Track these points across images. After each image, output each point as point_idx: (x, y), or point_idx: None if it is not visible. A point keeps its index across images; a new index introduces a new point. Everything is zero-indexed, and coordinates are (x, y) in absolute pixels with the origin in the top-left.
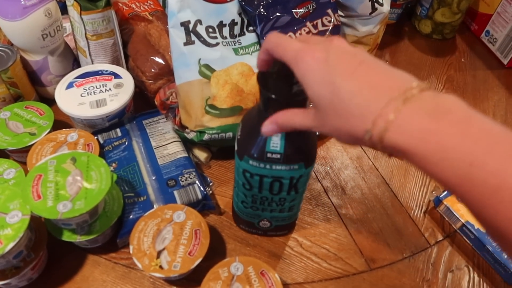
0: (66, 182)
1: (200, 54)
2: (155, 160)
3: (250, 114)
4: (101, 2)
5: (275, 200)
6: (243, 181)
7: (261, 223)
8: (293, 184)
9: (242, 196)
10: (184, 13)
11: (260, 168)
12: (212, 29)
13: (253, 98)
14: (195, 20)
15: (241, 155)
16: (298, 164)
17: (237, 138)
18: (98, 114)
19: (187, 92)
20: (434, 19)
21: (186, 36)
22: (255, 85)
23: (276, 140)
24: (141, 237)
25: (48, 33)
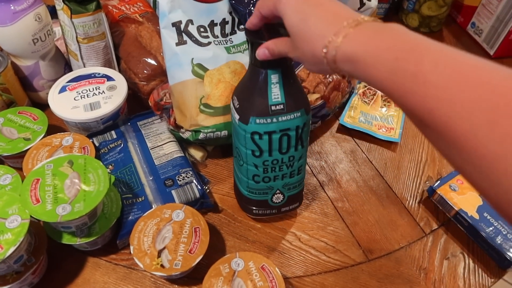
0: (64, 185)
1: (192, 54)
2: (151, 160)
3: (242, 83)
4: (91, 5)
5: (285, 162)
6: (252, 147)
7: (274, 198)
8: (299, 135)
9: (253, 169)
10: (175, 14)
11: (267, 124)
12: (203, 29)
13: None
14: (187, 20)
15: (247, 119)
16: (300, 110)
17: (236, 108)
18: (92, 117)
19: (181, 92)
20: (421, 12)
21: (178, 36)
22: None
23: (276, 91)
24: (141, 237)
25: (39, 37)
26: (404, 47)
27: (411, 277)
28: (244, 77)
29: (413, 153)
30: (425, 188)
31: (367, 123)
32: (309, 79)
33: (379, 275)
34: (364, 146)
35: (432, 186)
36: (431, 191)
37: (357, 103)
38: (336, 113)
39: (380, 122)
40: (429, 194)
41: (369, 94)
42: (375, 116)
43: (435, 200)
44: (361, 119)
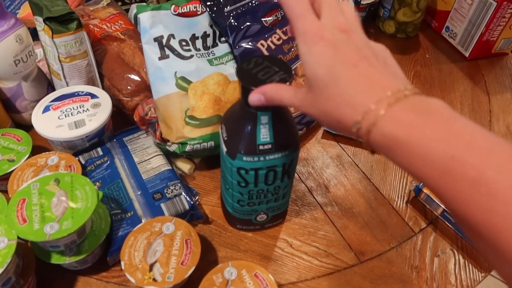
0: (51, 203)
1: (175, 67)
2: (139, 175)
3: (232, 114)
4: (72, 24)
5: (270, 191)
6: (238, 179)
7: (258, 217)
8: (286, 170)
9: (238, 195)
10: (157, 29)
11: (254, 162)
12: (185, 42)
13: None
14: (168, 34)
15: (234, 155)
16: (288, 149)
17: (224, 140)
18: (77, 135)
19: (165, 106)
20: (397, 19)
21: (160, 50)
22: (232, 93)
23: (265, 131)
24: (131, 252)
25: (20, 58)
26: (459, 142)
27: (404, 276)
28: (234, 108)
29: None
30: (412, 188)
31: None
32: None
33: (372, 277)
34: (350, 150)
35: (419, 186)
36: (418, 191)
37: None
38: None
39: None
40: (416, 194)
41: None
42: None
43: (422, 199)
44: None
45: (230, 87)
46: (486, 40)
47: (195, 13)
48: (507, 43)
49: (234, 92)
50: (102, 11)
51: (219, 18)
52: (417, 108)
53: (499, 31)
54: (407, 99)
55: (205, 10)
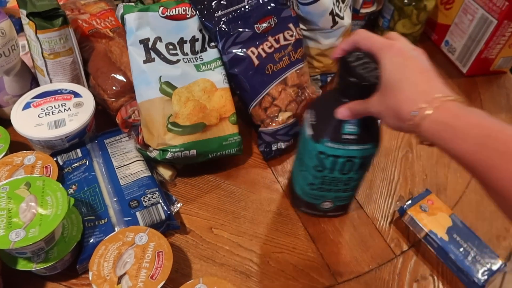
0: (20, 209)
1: (160, 72)
2: (116, 180)
3: (324, 100)
4: (57, 20)
5: (343, 180)
6: (316, 163)
7: (324, 204)
8: (363, 163)
9: (310, 178)
10: (143, 31)
11: (336, 149)
12: (172, 46)
13: (216, 114)
14: (155, 37)
15: (318, 138)
16: (370, 144)
17: (311, 123)
18: (56, 135)
19: (148, 110)
20: (396, 30)
21: (145, 53)
22: (219, 101)
23: (352, 122)
24: (101, 262)
25: (2, 52)
26: (493, 126)
27: None
28: (326, 96)
29: (386, 172)
30: (396, 209)
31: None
32: (280, 97)
33: None
34: None
35: (403, 207)
36: (402, 212)
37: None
38: None
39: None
40: (400, 215)
41: None
42: None
43: (405, 221)
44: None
45: (217, 95)
46: (484, 58)
47: (184, 17)
48: (506, 62)
49: (221, 100)
50: (93, 6)
51: (209, 22)
52: (461, 106)
53: (498, 49)
54: (454, 100)
55: (194, 14)
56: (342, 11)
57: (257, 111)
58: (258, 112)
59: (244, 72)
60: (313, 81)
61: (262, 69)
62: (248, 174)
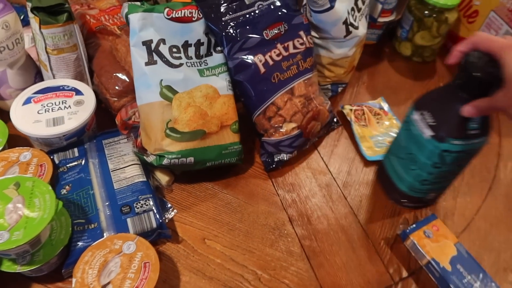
0: (6, 210)
1: (162, 75)
2: (110, 184)
3: (438, 100)
4: (62, 16)
5: (456, 172)
6: (436, 161)
7: (429, 196)
8: (476, 153)
9: (425, 175)
10: (147, 32)
11: (460, 145)
12: (176, 49)
13: (217, 122)
14: (158, 39)
15: (443, 138)
16: (487, 135)
17: (430, 124)
18: (53, 133)
19: (147, 114)
20: (414, 41)
21: (148, 55)
22: (220, 108)
23: (476, 118)
24: (86, 269)
25: (5, 46)
26: None
27: None
28: (439, 96)
29: None
30: (399, 232)
31: (383, 146)
32: (286, 107)
33: None
34: (341, 180)
35: (406, 231)
36: (405, 236)
37: (361, 131)
38: (315, 143)
39: (389, 138)
40: (402, 239)
41: (360, 116)
42: (382, 136)
43: (407, 245)
44: (378, 145)
45: (219, 101)
46: None
47: (190, 19)
48: None
49: (223, 107)
50: (103, 1)
51: (216, 26)
52: None
53: None
54: None
55: (201, 17)
56: (357, 20)
57: (261, 120)
58: (261, 121)
59: (249, 79)
60: (322, 91)
61: (268, 77)
62: (248, 184)
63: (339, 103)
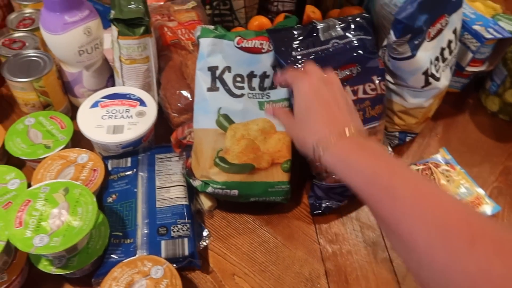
0: (51, 213)
1: (221, 103)
2: (153, 201)
3: None
4: (139, 29)
5: None
6: None
7: None
8: None
9: None
10: (214, 58)
11: None
12: (240, 78)
13: (268, 158)
14: (224, 66)
15: None
16: None
17: None
18: (111, 141)
19: (201, 139)
20: (504, 98)
21: (211, 81)
22: (275, 144)
23: None
24: (112, 285)
25: (85, 49)
26: (381, 165)
27: None
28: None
29: None
30: None
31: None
32: None
33: None
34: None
35: None
36: None
37: None
38: None
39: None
40: None
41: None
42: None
43: None
44: None
45: (274, 138)
46: None
47: (259, 50)
48: None
49: (277, 144)
50: (184, 14)
51: (285, 60)
52: (358, 142)
53: None
54: (349, 136)
55: (271, 49)
56: (440, 71)
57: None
58: (315, 163)
59: None
60: (387, 139)
61: None
62: (289, 225)
63: (404, 154)
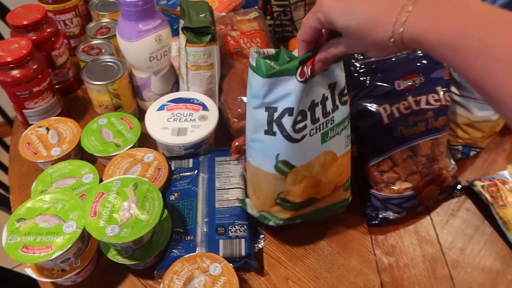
0: (122, 206)
1: (279, 149)
2: (213, 201)
3: None
4: (206, 37)
5: None
6: None
7: None
8: None
9: None
10: (272, 97)
11: None
12: (302, 116)
13: (331, 186)
14: (284, 108)
15: None
16: None
17: None
18: (175, 142)
19: (258, 177)
20: None
21: (267, 124)
22: (336, 171)
23: None
24: (173, 278)
25: (155, 56)
26: (467, 22)
27: None
28: None
29: None
30: None
31: None
32: (403, 165)
33: None
34: (451, 257)
35: None
36: None
37: (503, 215)
38: (429, 207)
39: None
40: None
41: (495, 193)
42: None
43: None
44: None
45: (336, 165)
46: None
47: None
48: None
49: (339, 169)
50: (246, 24)
51: (346, 69)
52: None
53: None
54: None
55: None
56: None
57: (373, 171)
58: (373, 173)
59: (369, 128)
60: (449, 153)
61: (390, 129)
62: (345, 234)
63: (468, 169)
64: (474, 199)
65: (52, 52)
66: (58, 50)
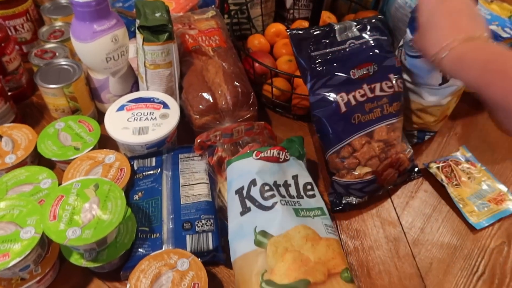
0: (83, 208)
1: (256, 221)
2: (178, 198)
3: None
4: (163, 35)
5: None
6: None
7: None
8: None
9: None
10: (238, 181)
11: None
12: (268, 186)
13: (323, 269)
14: (249, 182)
15: None
16: None
17: None
18: (137, 141)
19: (241, 269)
20: None
21: (241, 204)
22: (325, 252)
23: None
24: (140, 277)
25: (112, 56)
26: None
27: None
28: None
29: (469, 260)
30: None
31: (485, 207)
32: (362, 151)
33: None
34: (412, 236)
35: None
36: None
37: (457, 193)
38: (390, 191)
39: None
40: None
41: (449, 173)
42: (478, 194)
43: None
44: (480, 207)
45: (322, 244)
46: None
47: (277, 159)
48: None
49: (327, 251)
50: (204, 22)
51: (303, 60)
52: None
53: None
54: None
55: (288, 158)
56: None
57: (334, 159)
58: (334, 160)
59: (328, 116)
60: (405, 138)
61: (348, 117)
62: None
63: (423, 153)
64: (431, 180)
65: (3, 58)
66: (8, 56)
